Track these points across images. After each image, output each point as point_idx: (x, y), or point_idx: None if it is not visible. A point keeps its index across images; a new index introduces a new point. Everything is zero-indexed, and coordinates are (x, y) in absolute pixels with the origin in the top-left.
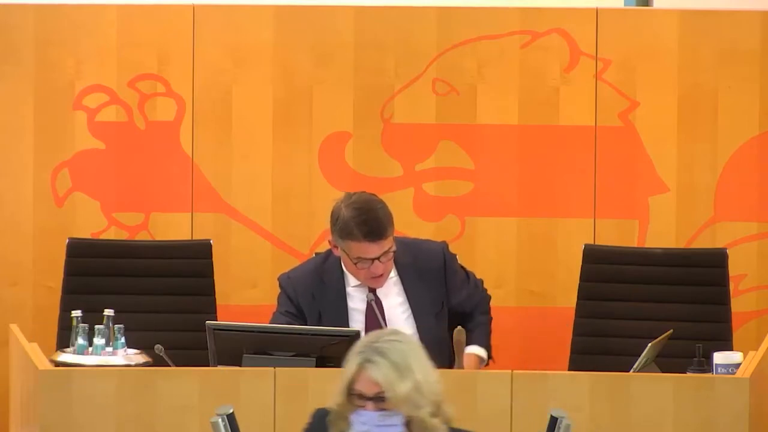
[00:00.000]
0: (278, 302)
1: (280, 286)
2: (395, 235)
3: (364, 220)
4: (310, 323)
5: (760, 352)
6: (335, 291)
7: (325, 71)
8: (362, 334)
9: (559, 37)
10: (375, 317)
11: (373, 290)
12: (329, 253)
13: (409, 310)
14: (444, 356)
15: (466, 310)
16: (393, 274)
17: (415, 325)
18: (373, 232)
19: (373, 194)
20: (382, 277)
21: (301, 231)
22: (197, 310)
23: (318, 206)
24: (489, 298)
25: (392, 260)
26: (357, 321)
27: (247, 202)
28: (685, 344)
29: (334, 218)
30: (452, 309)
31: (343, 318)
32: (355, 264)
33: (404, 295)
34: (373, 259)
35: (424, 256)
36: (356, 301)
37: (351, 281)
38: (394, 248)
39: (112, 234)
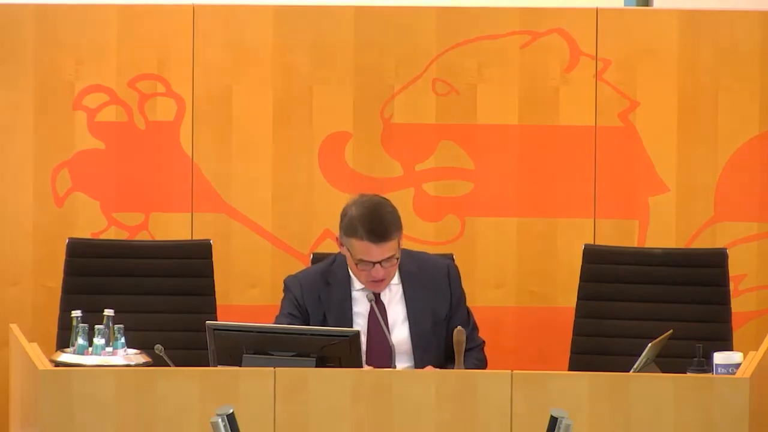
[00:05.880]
0: (281, 305)
1: (286, 287)
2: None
3: (369, 219)
4: (314, 325)
5: (760, 352)
6: (341, 293)
7: (325, 71)
8: (363, 335)
9: (559, 37)
10: (377, 320)
11: (376, 293)
12: (337, 256)
13: (407, 316)
14: (437, 365)
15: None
16: (396, 280)
17: (409, 331)
18: (376, 233)
19: (387, 199)
20: (382, 282)
21: (301, 231)
22: (197, 310)
23: (318, 206)
24: (484, 343)
25: (395, 267)
26: (360, 324)
27: (247, 202)
28: (685, 344)
29: (343, 215)
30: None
31: (347, 320)
32: (356, 265)
33: (404, 301)
34: (374, 263)
35: (429, 267)
36: (360, 305)
37: (356, 284)
38: (398, 255)
39: (112, 234)
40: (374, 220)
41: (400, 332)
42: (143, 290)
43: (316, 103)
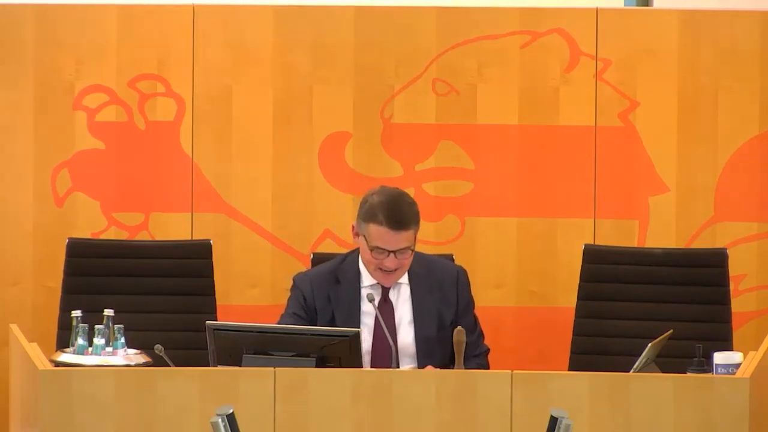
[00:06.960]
0: (287, 303)
1: (294, 285)
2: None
3: (390, 207)
4: (321, 324)
5: (760, 352)
6: (350, 291)
7: (325, 71)
8: (369, 334)
9: (559, 37)
10: (381, 320)
11: (385, 292)
12: (347, 254)
13: (413, 318)
14: (440, 368)
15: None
16: (405, 279)
17: (414, 334)
18: (396, 220)
19: (408, 194)
20: (392, 275)
21: (301, 231)
22: (197, 310)
23: (318, 206)
24: (488, 351)
25: (408, 260)
26: (367, 323)
27: (247, 202)
28: (685, 344)
29: (363, 202)
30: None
31: (355, 318)
32: (371, 252)
33: (411, 302)
34: (388, 252)
35: (437, 271)
36: (368, 304)
37: (365, 281)
38: (412, 248)
39: (112, 234)
40: (395, 208)
41: (405, 334)
42: (143, 290)
43: (316, 103)
